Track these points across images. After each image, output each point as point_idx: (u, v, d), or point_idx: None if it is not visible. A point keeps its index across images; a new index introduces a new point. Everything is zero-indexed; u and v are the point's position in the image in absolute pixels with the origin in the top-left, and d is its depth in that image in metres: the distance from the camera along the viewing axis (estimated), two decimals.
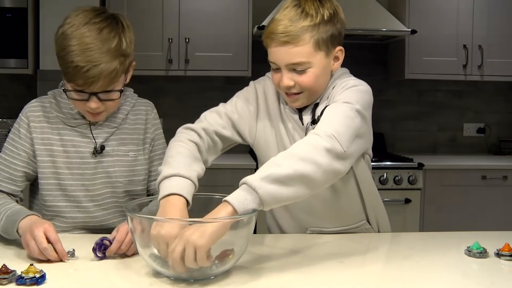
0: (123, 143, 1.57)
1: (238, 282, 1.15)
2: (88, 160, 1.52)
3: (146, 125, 1.62)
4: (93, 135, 1.53)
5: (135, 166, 1.58)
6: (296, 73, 1.39)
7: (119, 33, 1.42)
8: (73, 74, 1.38)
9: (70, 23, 1.40)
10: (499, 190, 3.27)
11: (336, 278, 1.20)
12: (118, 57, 1.40)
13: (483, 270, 1.28)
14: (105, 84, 1.40)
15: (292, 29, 1.35)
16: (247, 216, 1.14)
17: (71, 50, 1.36)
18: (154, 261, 1.15)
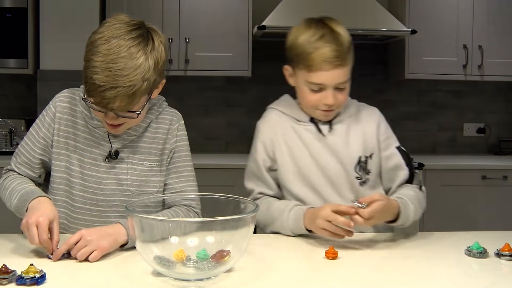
0: (140, 152, 1.51)
1: (238, 282, 1.15)
2: (100, 163, 1.49)
3: (167, 135, 1.55)
4: (110, 139, 1.49)
5: (150, 177, 1.52)
6: (338, 91, 1.56)
7: (147, 54, 1.34)
8: (91, 90, 1.33)
9: (103, 32, 1.34)
10: (499, 190, 3.26)
11: (336, 278, 1.20)
12: (140, 81, 1.32)
13: (483, 270, 1.28)
14: (122, 106, 1.34)
15: (342, 51, 1.53)
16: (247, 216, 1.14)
17: (93, 66, 1.31)
18: (155, 261, 1.15)
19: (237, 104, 3.76)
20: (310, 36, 1.53)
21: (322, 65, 1.51)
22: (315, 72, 1.52)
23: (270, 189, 1.65)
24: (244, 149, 3.75)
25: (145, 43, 1.35)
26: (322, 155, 1.61)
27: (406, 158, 1.64)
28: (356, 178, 1.60)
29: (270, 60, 3.76)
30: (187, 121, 1.65)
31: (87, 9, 3.23)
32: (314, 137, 1.63)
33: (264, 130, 1.68)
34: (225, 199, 1.29)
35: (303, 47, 1.53)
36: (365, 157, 1.62)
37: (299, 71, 1.57)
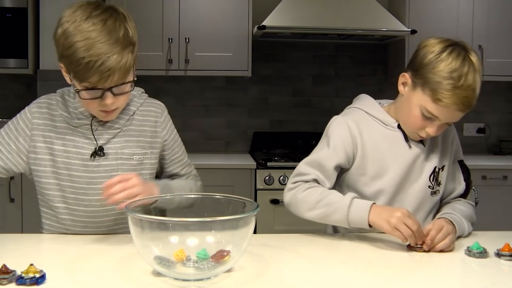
0: (127, 146, 1.50)
1: (238, 282, 1.15)
2: (88, 163, 1.47)
3: (156, 128, 1.55)
4: (95, 136, 1.48)
5: (140, 170, 1.51)
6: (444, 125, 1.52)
7: (123, 22, 1.36)
8: (86, 71, 1.30)
9: (70, 20, 1.34)
10: (499, 190, 3.27)
11: (336, 278, 1.20)
12: (128, 46, 1.34)
13: (483, 270, 1.28)
14: (121, 76, 1.34)
15: (474, 98, 1.46)
16: (247, 216, 1.14)
17: (79, 47, 1.29)
18: (155, 261, 1.15)
19: (237, 104, 3.76)
20: (452, 70, 1.43)
21: (451, 105, 1.44)
22: (440, 107, 1.45)
23: (329, 183, 1.59)
24: (244, 149, 3.76)
25: (116, 14, 1.37)
26: (405, 164, 1.58)
27: (466, 173, 1.66)
28: (428, 187, 1.60)
29: (270, 60, 3.77)
30: (187, 121, 1.66)
31: None
32: (401, 144, 1.58)
33: (344, 127, 1.59)
34: (225, 199, 1.29)
35: (440, 78, 1.43)
36: (438, 169, 1.61)
37: (423, 93, 1.47)
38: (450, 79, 1.42)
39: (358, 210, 1.46)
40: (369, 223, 1.45)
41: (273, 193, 3.11)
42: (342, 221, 1.49)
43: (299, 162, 1.64)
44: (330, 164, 1.58)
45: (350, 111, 1.66)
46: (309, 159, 1.62)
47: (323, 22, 3.27)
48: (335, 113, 1.70)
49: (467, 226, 1.53)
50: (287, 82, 3.79)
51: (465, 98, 1.44)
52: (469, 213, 1.60)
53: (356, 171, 1.60)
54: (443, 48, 1.49)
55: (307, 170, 1.59)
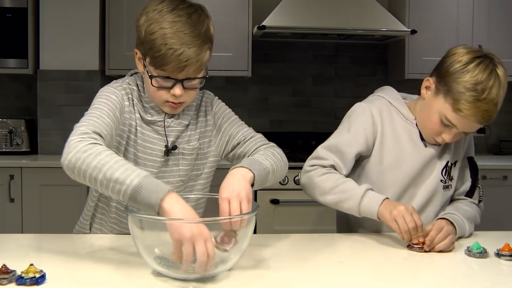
0: (189, 141, 1.51)
1: (238, 282, 1.15)
2: (156, 159, 1.47)
3: (207, 117, 1.57)
4: (166, 133, 1.48)
5: (194, 161, 1.52)
6: (463, 133, 1.55)
7: (206, 19, 1.40)
8: (164, 57, 1.32)
9: (156, 9, 1.36)
10: (499, 190, 3.26)
11: (336, 278, 1.20)
12: (207, 42, 1.37)
13: (483, 270, 1.28)
14: (195, 70, 1.37)
15: (494, 113, 1.48)
16: (246, 216, 1.14)
17: (164, 33, 1.32)
18: (155, 261, 1.15)
19: (237, 104, 3.76)
20: (476, 83, 1.42)
21: (471, 117, 1.46)
22: (459, 117, 1.47)
23: (346, 170, 1.61)
24: None
25: (200, 10, 1.40)
26: (420, 159, 1.60)
27: (474, 170, 1.68)
28: (441, 181, 1.62)
29: (270, 60, 3.77)
30: None
31: (88, 9, 3.23)
32: (418, 141, 1.61)
33: (368, 114, 1.61)
34: None
35: (464, 89, 1.43)
36: (451, 164, 1.64)
37: (444, 101, 1.48)
38: (474, 91, 1.43)
39: (370, 200, 1.49)
40: (378, 215, 1.47)
41: (273, 193, 3.11)
42: (353, 209, 1.52)
43: (299, 162, 1.65)
44: (349, 151, 1.60)
45: (374, 99, 1.67)
46: (329, 143, 1.63)
47: (323, 22, 3.27)
48: (335, 113, 1.71)
49: (468, 227, 1.54)
50: (287, 82, 3.79)
51: (485, 112, 1.45)
52: (473, 214, 1.60)
53: (373, 159, 1.62)
54: (471, 59, 1.46)
55: (326, 155, 1.60)
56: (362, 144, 1.60)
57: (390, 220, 1.43)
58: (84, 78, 3.24)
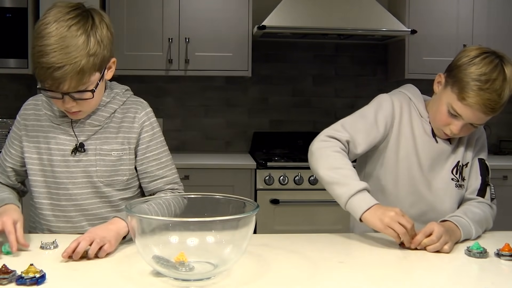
0: (107, 142, 1.53)
1: (238, 282, 1.15)
2: (68, 158, 1.52)
3: (133, 124, 1.56)
4: (75, 133, 1.52)
5: (119, 166, 1.54)
6: (470, 125, 1.57)
7: (88, 31, 1.38)
8: (40, 74, 1.37)
9: (43, 19, 1.38)
10: (499, 190, 3.24)
11: (336, 278, 1.20)
12: (85, 57, 1.36)
13: (483, 270, 1.28)
14: (74, 85, 1.38)
15: (500, 104, 1.50)
16: (247, 216, 1.14)
17: (37, 51, 1.36)
18: (155, 262, 1.15)
19: (237, 104, 3.76)
20: (481, 73, 1.49)
21: (474, 105, 1.50)
22: (464, 106, 1.52)
23: (360, 149, 1.63)
24: (244, 149, 3.76)
25: (84, 21, 1.39)
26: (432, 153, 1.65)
27: (483, 169, 1.70)
28: (452, 180, 1.66)
29: (270, 60, 3.77)
30: (187, 121, 1.65)
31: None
32: (431, 137, 1.66)
33: (387, 104, 1.67)
34: (225, 199, 1.29)
35: (469, 78, 1.50)
36: (462, 164, 1.68)
37: (451, 92, 1.55)
38: (478, 81, 1.49)
39: (362, 200, 1.49)
40: (361, 218, 1.47)
41: (273, 193, 3.11)
42: (342, 197, 1.51)
43: (299, 162, 1.65)
44: (366, 132, 1.63)
45: (397, 93, 1.74)
46: (349, 121, 1.66)
47: (323, 22, 3.27)
48: (335, 113, 1.72)
49: (475, 230, 1.53)
50: (287, 82, 3.79)
51: (488, 101, 1.49)
52: (483, 217, 1.60)
53: (391, 148, 1.66)
54: (479, 53, 1.54)
55: (345, 130, 1.62)
56: (380, 129, 1.64)
57: (383, 228, 1.43)
58: None
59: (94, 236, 1.31)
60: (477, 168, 1.70)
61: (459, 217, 1.53)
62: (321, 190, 3.11)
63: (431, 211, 1.65)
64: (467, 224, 1.52)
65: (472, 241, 1.46)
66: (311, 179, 3.08)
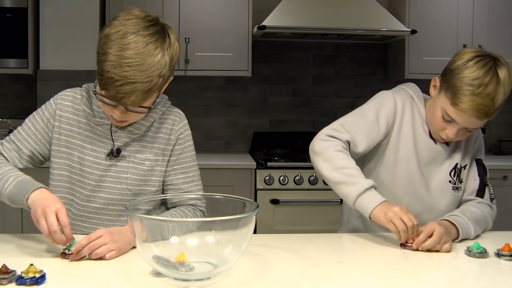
0: (141, 151, 1.51)
1: (238, 282, 1.15)
2: (101, 161, 1.49)
3: (170, 136, 1.54)
4: (113, 137, 1.49)
5: (150, 176, 1.52)
6: (465, 130, 1.56)
7: (164, 51, 1.35)
8: (106, 83, 1.32)
9: (118, 26, 1.32)
10: (499, 190, 3.24)
11: (336, 278, 1.20)
12: (156, 77, 1.33)
13: (483, 270, 1.28)
14: (137, 101, 1.35)
15: (493, 109, 1.48)
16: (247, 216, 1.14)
17: (110, 59, 1.30)
18: (155, 262, 1.15)
19: (237, 104, 3.76)
20: (473, 78, 1.47)
21: (467, 110, 1.49)
22: (457, 111, 1.51)
23: (360, 148, 1.62)
24: (244, 149, 3.76)
25: (162, 39, 1.35)
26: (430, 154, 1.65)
27: (481, 170, 1.70)
28: (449, 182, 1.66)
29: (270, 60, 3.77)
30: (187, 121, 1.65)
31: (87, 9, 3.24)
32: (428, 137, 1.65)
33: (389, 102, 1.66)
34: (225, 199, 1.29)
35: (462, 83, 1.49)
36: (461, 167, 1.68)
37: (445, 96, 1.55)
38: (470, 85, 1.47)
39: (370, 198, 1.50)
40: (370, 215, 1.48)
41: (273, 193, 3.11)
42: (351, 196, 1.51)
43: (299, 162, 1.65)
44: (367, 132, 1.62)
45: (399, 90, 1.73)
46: (349, 120, 1.65)
47: (323, 22, 3.27)
48: (335, 113, 1.72)
49: (474, 230, 1.53)
50: (287, 82, 3.79)
51: (480, 106, 1.47)
52: (482, 216, 1.60)
53: (391, 147, 1.66)
54: (473, 57, 1.51)
55: (345, 130, 1.62)
56: (381, 128, 1.63)
57: (386, 222, 1.44)
58: (84, 78, 3.24)
59: (107, 241, 1.28)
60: (474, 169, 1.70)
61: (457, 216, 1.53)
62: (321, 190, 3.12)
63: (428, 212, 1.65)
64: (465, 223, 1.52)
65: (472, 241, 1.46)
66: (311, 179, 3.08)
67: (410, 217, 1.43)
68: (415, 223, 1.42)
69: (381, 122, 1.63)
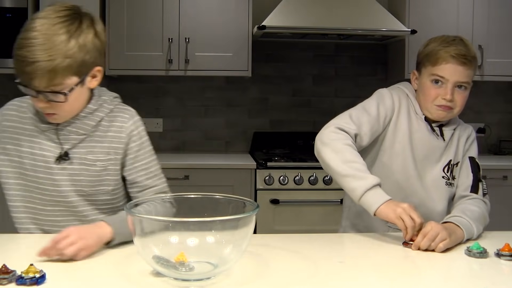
0: (92, 152, 1.49)
1: (238, 282, 1.15)
2: (52, 165, 1.48)
3: (120, 134, 1.51)
4: (60, 140, 1.48)
5: (104, 176, 1.51)
6: (457, 91, 1.66)
7: (71, 32, 1.35)
8: (16, 67, 1.35)
9: (34, 15, 1.37)
10: (499, 190, 3.26)
11: (336, 278, 1.20)
12: (61, 57, 1.32)
13: (483, 270, 1.28)
14: (44, 83, 1.33)
15: (469, 54, 1.64)
16: (247, 216, 1.14)
17: (18, 43, 1.34)
18: (155, 262, 1.15)
19: (237, 104, 3.76)
20: (441, 41, 1.68)
21: (448, 58, 1.62)
22: (439, 65, 1.63)
23: (365, 141, 1.67)
24: (244, 149, 3.76)
25: (70, 22, 1.36)
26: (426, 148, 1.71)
27: (474, 166, 1.74)
28: (442, 177, 1.72)
29: (270, 60, 3.77)
30: (187, 121, 1.65)
31: (87, 9, 3.23)
32: (425, 132, 1.72)
33: (387, 98, 1.72)
34: (225, 199, 1.29)
35: (433, 47, 1.67)
36: (453, 164, 1.74)
37: (425, 69, 1.68)
38: (441, 45, 1.66)
39: (377, 194, 1.51)
40: (376, 212, 1.49)
41: (273, 193, 3.11)
42: (358, 190, 1.52)
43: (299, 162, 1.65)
44: (369, 125, 1.66)
45: (395, 88, 1.79)
46: (353, 114, 1.68)
47: (323, 22, 3.27)
48: (335, 113, 1.72)
49: (476, 229, 1.54)
50: (287, 82, 3.79)
51: (457, 50, 1.62)
52: (481, 214, 1.61)
53: (387, 142, 1.71)
54: (434, 37, 1.73)
55: (351, 124, 1.65)
56: (381, 123, 1.69)
57: (395, 218, 1.46)
58: None
59: (74, 240, 1.27)
60: (467, 166, 1.74)
61: (459, 217, 1.54)
62: (321, 190, 3.12)
63: (422, 206, 1.66)
64: (468, 223, 1.52)
65: (472, 241, 1.46)
66: (311, 179, 3.08)
67: (417, 215, 1.45)
68: (422, 221, 1.45)
69: (381, 117, 1.68)
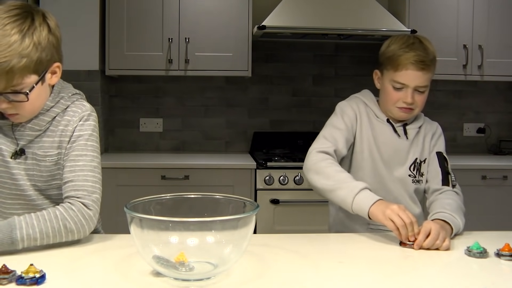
0: (42, 147, 1.48)
1: (238, 282, 1.15)
2: (9, 160, 1.47)
3: (67, 127, 1.49)
4: (16, 137, 1.48)
5: (57, 170, 1.50)
6: (417, 93, 1.74)
7: (23, 31, 1.34)
8: None
9: None
10: (499, 190, 3.27)
11: (336, 278, 1.20)
12: (16, 57, 1.32)
13: (483, 270, 1.28)
14: (3, 85, 1.33)
15: (427, 58, 1.71)
16: (247, 216, 1.14)
17: None
18: (155, 262, 1.15)
19: (237, 104, 3.76)
20: (401, 44, 1.74)
21: (408, 65, 1.69)
22: (400, 72, 1.71)
23: (343, 154, 1.74)
24: (244, 149, 3.76)
25: (22, 21, 1.35)
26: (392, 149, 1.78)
27: (441, 160, 1.81)
28: (409, 176, 1.79)
29: (270, 60, 3.77)
30: (187, 121, 1.65)
31: (87, 9, 3.24)
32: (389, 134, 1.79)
33: (348, 109, 1.81)
34: (225, 199, 1.29)
35: (394, 51, 1.74)
36: (420, 161, 1.81)
37: (387, 72, 1.77)
38: (401, 48, 1.72)
39: (365, 198, 1.55)
40: (369, 214, 1.52)
41: (273, 193, 3.11)
42: (347, 200, 1.57)
43: (299, 162, 1.66)
44: (342, 139, 1.74)
45: (352, 98, 1.88)
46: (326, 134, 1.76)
47: (323, 22, 3.28)
48: None
49: (461, 220, 1.58)
50: (287, 82, 3.79)
51: (416, 56, 1.68)
52: (458, 205, 1.66)
53: (356, 149, 1.79)
54: (394, 38, 1.80)
55: (328, 142, 1.74)
56: (350, 131, 1.78)
57: (384, 219, 1.48)
58: (84, 78, 3.24)
59: None
60: (435, 161, 1.80)
61: (442, 212, 1.58)
62: None
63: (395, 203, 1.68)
64: (452, 217, 1.56)
65: (472, 241, 1.45)
66: None
67: (408, 215, 1.46)
68: (414, 220, 1.45)
69: (349, 127, 1.77)
